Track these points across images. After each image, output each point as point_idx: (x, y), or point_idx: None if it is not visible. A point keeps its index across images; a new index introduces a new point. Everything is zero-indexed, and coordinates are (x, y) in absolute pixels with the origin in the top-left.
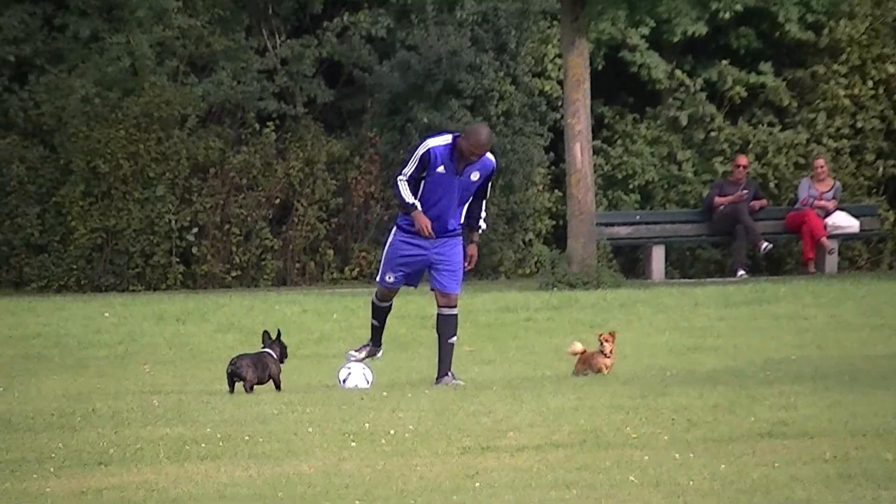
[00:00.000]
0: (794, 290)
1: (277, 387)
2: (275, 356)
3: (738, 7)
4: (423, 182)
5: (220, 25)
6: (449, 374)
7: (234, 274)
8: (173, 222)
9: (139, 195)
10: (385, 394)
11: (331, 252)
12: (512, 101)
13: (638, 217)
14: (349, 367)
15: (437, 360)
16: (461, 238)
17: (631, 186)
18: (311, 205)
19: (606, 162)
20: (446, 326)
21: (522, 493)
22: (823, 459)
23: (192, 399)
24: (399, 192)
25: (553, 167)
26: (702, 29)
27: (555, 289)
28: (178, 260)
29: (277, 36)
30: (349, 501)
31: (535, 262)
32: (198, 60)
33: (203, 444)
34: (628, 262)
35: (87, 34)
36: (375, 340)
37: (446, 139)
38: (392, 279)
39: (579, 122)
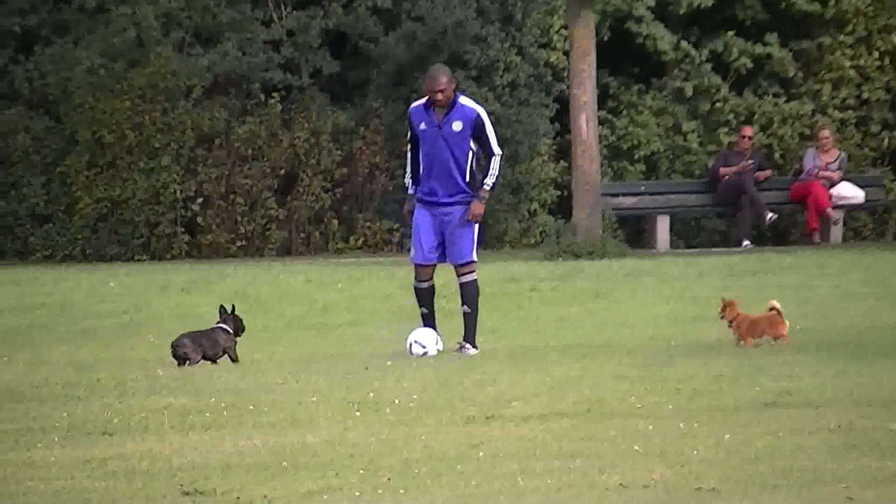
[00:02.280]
0: (798, 260)
1: (233, 359)
2: (229, 330)
3: None
4: (418, 146)
5: None
6: (464, 343)
7: (238, 244)
8: (178, 192)
9: (144, 165)
10: (389, 363)
11: (335, 222)
12: (517, 72)
13: (643, 188)
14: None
15: None
16: (468, 205)
17: (636, 157)
18: (316, 175)
19: (612, 133)
20: (464, 295)
21: (526, 463)
22: (828, 429)
23: (196, 369)
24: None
25: (558, 138)
26: (708, 1)
27: (560, 259)
28: (183, 230)
29: (283, 7)
30: (353, 471)
31: (540, 233)
32: (203, 32)
33: (207, 414)
34: (633, 233)
35: (94, 5)
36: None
37: (424, 98)
38: (414, 252)
39: (585, 93)
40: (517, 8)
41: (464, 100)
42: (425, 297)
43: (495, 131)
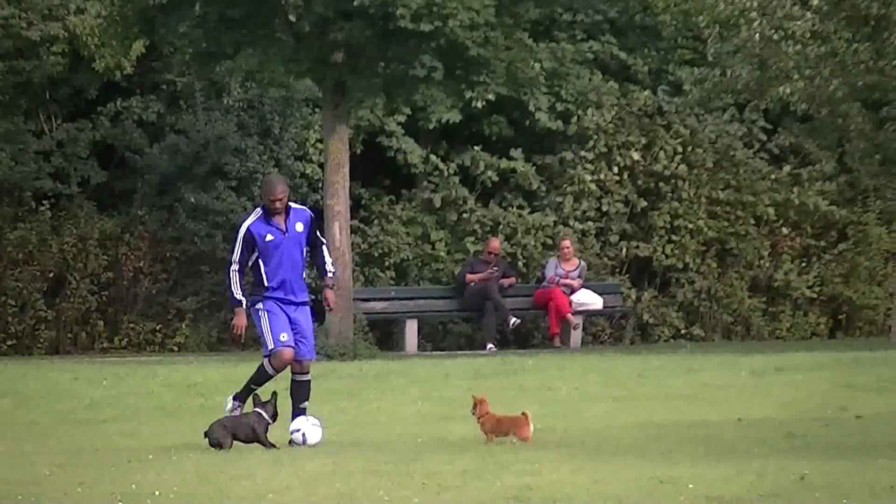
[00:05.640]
0: (540, 363)
1: (264, 445)
2: (266, 416)
3: (491, 96)
4: (260, 259)
5: None
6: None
7: (9, 343)
8: None
9: None
10: (151, 457)
11: (101, 323)
12: None
13: (393, 293)
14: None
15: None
16: (310, 306)
17: (387, 264)
18: (84, 278)
19: (363, 241)
20: (299, 391)
21: None
22: None
23: None
24: (229, 284)
25: None
26: (456, 116)
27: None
28: None
29: (54, 119)
30: None
31: None
32: None
33: None
34: (383, 335)
35: None
36: (242, 398)
37: (256, 212)
38: (287, 337)
39: (339, 202)
40: (275, 122)
41: (293, 204)
42: (265, 381)
43: None
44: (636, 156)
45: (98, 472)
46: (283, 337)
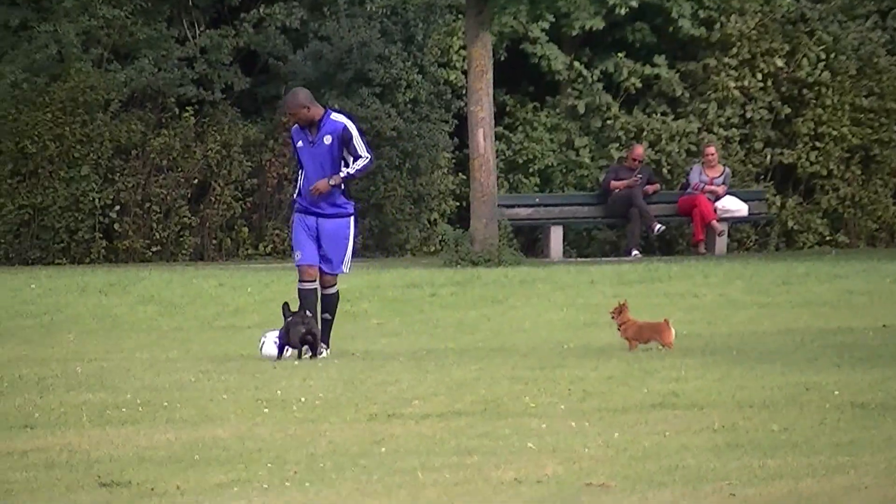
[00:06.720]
0: (685, 269)
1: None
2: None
3: (634, 3)
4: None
5: (142, 16)
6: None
7: (154, 249)
8: (97, 200)
9: (64, 174)
10: (296, 363)
11: (246, 229)
12: (419, 90)
13: (537, 199)
14: (265, 336)
15: None
16: (347, 219)
17: (531, 170)
18: (228, 185)
19: (508, 147)
20: (323, 304)
21: (426, 459)
22: (712, 429)
23: (113, 366)
24: None
25: (457, 152)
26: (599, 23)
27: (458, 266)
28: (101, 235)
29: (197, 26)
30: (262, 464)
31: (440, 241)
32: (121, 48)
33: (124, 409)
34: (528, 242)
35: (17, 23)
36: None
37: None
38: (298, 256)
39: (482, 109)
40: (419, 29)
41: (334, 116)
42: (309, 299)
43: (364, 141)
44: (779, 62)
45: (243, 378)
46: (297, 255)
